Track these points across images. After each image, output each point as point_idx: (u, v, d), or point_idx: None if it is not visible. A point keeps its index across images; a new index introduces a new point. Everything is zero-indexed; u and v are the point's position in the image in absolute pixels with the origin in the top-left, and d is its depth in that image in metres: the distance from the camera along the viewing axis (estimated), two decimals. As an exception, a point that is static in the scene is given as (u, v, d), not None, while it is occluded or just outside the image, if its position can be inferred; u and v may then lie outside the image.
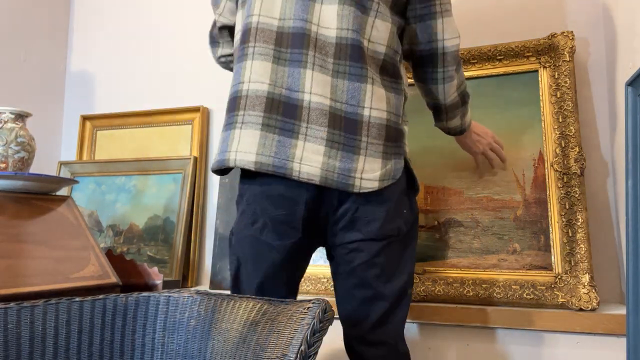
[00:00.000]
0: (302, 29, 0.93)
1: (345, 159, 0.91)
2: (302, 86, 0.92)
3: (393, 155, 0.95)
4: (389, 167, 0.94)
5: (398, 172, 0.95)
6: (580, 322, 1.16)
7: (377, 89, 0.93)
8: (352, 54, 0.92)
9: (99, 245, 1.36)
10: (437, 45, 1.01)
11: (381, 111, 0.93)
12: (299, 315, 0.80)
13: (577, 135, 1.29)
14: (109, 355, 0.99)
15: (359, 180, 0.91)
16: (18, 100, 1.83)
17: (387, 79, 0.96)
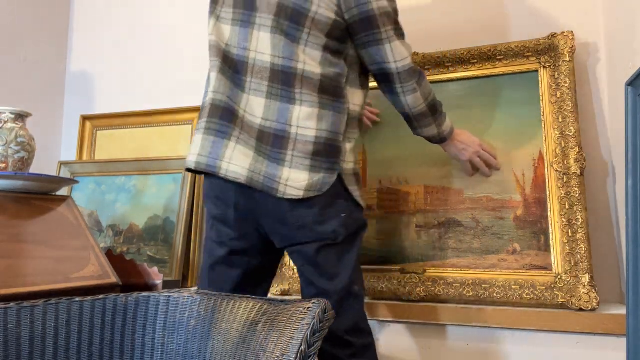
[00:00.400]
0: (243, 57, 1.06)
1: (271, 166, 1.02)
2: (240, 103, 1.05)
3: (323, 169, 1.02)
4: (315, 179, 1.01)
5: (326, 185, 1.02)
6: (580, 322, 1.16)
7: (306, 109, 1.02)
8: (283, 78, 1.02)
9: (99, 245, 1.36)
10: (390, 67, 1.09)
11: (310, 129, 1.02)
12: (299, 315, 0.80)
13: (577, 135, 1.29)
14: (109, 355, 0.99)
15: (284, 186, 1.00)
16: (18, 100, 1.83)
17: (326, 98, 1.03)
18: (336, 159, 1.04)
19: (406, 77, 1.10)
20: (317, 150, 1.02)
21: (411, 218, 1.42)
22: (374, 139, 1.50)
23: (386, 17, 1.05)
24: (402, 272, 1.37)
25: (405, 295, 1.33)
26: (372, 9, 1.03)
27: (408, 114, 1.16)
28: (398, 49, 1.08)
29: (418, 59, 1.48)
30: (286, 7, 1.02)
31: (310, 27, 1.02)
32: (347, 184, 1.07)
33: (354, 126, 1.10)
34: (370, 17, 1.03)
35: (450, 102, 1.45)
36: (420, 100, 1.13)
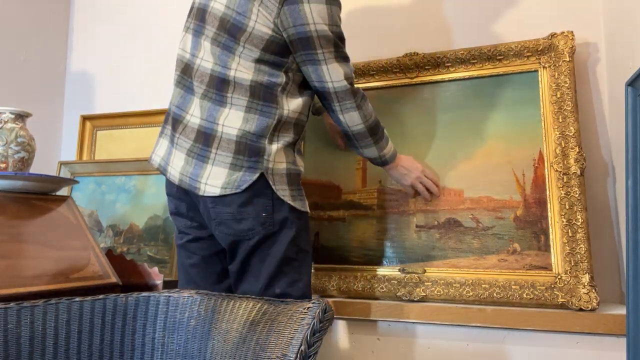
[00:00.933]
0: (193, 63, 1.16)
1: (196, 166, 1.10)
2: (187, 108, 1.15)
3: (244, 168, 1.08)
4: (234, 177, 1.08)
5: (244, 183, 1.07)
6: (580, 322, 1.16)
7: (234, 111, 1.10)
8: (217, 83, 1.11)
9: (99, 245, 1.36)
10: (327, 86, 1.14)
11: (234, 128, 1.09)
12: (299, 315, 0.80)
13: (577, 135, 1.29)
14: (109, 355, 0.99)
15: (204, 185, 1.09)
16: (18, 100, 1.83)
17: (256, 102, 1.10)
18: (258, 158, 1.08)
19: (343, 96, 1.15)
20: (239, 149, 1.08)
21: (411, 218, 1.42)
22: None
23: (324, 40, 1.09)
24: (402, 272, 1.37)
25: (405, 295, 1.33)
26: (309, 30, 1.08)
27: (347, 132, 1.21)
28: (335, 70, 1.12)
29: (418, 59, 1.48)
30: (226, 22, 1.11)
31: (245, 42, 1.09)
32: (274, 183, 1.09)
33: (288, 130, 1.13)
34: (307, 37, 1.08)
35: (450, 102, 1.45)
36: (359, 120, 1.18)
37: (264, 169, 1.08)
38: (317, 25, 1.08)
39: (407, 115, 1.49)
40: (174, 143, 1.16)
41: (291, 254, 1.11)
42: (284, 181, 1.11)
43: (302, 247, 1.14)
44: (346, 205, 1.49)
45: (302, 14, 1.06)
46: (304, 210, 1.14)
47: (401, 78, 1.51)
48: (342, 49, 1.14)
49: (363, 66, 1.54)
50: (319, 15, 1.07)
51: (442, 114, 1.45)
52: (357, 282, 1.39)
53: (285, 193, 1.10)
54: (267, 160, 1.09)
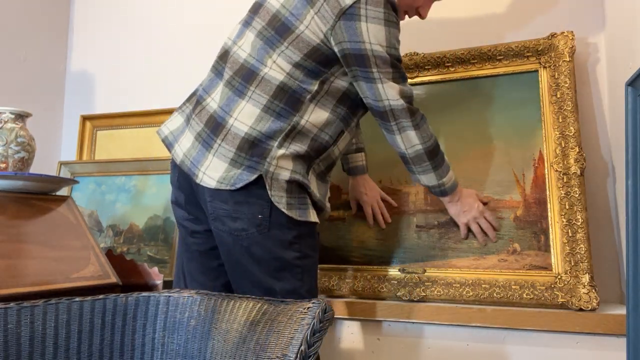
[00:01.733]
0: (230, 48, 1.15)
1: (199, 152, 1.09)
2: (211, 92, 1.14)
3: (244, 166, 1.05)
4: (231, 173, 1.05)
5: (240, 182, 1.04)
6: (580, 322, 1.16)
7: (250, 106, 1.07)
8: (245, 74, 1.09)
9: (99, 245, 1.36)
10: (384, 104, 1.11)
11: (244, 125, 1.06)
12: (299, 315, 0.80)
13: (577, 135, 1.29)
14: (109, 355, 0.99)
15: (202, 174, 1.07)
16: (18, 100, 1.83)
17: (276, 104, 1.07)
18: (260, 159, 1.05)
19: (400, 115, 1.12)
20: (243, 146, 1.06)
21: (411, 218, 1.42)
22: (374, 140, 1.50)
23: (380, 60, 1.07)
24: (402, 272, 1.37)
25: (405, 295, 1.33)
26: (364, 48, 1.06)
27: (404, 153, 1.17)
28: (391, 89, 1.10)
29: (418, 59, 1.48)
30: (277, 19, 1.09)
31: (290, 42, 1.07)
32: (270, 188, 1.05)
33: (303, 141, 1.09)
34: (362, 55, 1.06)
35: (450, 102, 1.45)
36: (416, 140, 1.14)
37: (264, 172, 1.05)
38: (372, 45, 1.06)
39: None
40: (189, 123, 1.15)
41: (291, 259, 1.08)
42: (282, 188, 1.06)
43: (305, 253, 1.10)
44: (346, 205, 1.49)
45: (358, 31, 1.05)
46: (303, 220, 1.08)
47: (401, 78, 1.51)
48: (401, 70, 1.12)
49: (363, 66, 1.54)
50: (376, 36, 1.05)
51: (442, 114, 1.45)
52: (357, 282, 1.39)
53: (280, 200, 1.05)
54: (269, 164, 1.05)
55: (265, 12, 1.12)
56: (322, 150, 1.13)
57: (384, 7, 1.05)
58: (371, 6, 1.04)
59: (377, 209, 1.42)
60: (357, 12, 1.04)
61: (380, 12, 1.05)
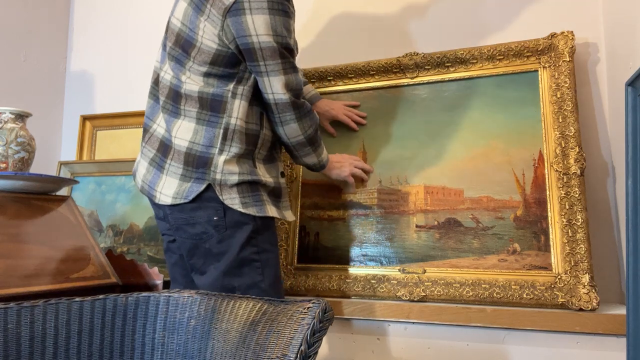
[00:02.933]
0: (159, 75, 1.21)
1: (155, 175, 1.17)
2: (155, 118, 1.21)
3: (192, 179, 1.12)
4: (183, 188, 1.12)
5: (192, 193, 1.11)
6: (580, 322, 1.16)
7: (186, 122, 1.14)
8: (173, 95, 1.15)
9: (99, 245, 1.36)
10: (268, 97, 1.15)
11: (184, 140, 1.13)
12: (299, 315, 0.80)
13: (577, 135, 1.29)
14: (109, 355, 0.99)
15: (159, 194, 1.15)
16: (18, 100, 1.83)
17: (205, 113, 1.13)
18: (205, 169, 1.11)
19: (284, 109, 1.15)
20: (188, 160, 1.12)
21: (411, 218, 1.42)
22: (374, 140, 1.50)
23: (268, 51, 1.09)
24: (402, 272, 1.37)
25: (405, 295, 1.33)
26: (251, 42, 1.08)
27: (287, 143, 1.23)
28: (277, 82, 1.12)
29: (418, 59, 1.48)
30: (181, 37, 1.15)
31: (194, 56, 1.12)
32: (221, 194, 1.11)
33: (240, 140, 1.13)
34: (250, 49, 1.09)
35: (450, 102, 1.45)
36: (298, 132, 1.20)
37: (211, 180, 1.11)
38: (259, 37, 1.07)
39: (407, 115, 1.49)
40: (142, 152, 1.23)
41: (249, 254, 1.12)
42: (234, 191, 1.11)
43: (264, 248, 1.15)
44: (346, 205, 1.49)
45: (244, 25, 1.06)
46: (260, 216, 1.13)
47: (401, 78, 1.51)
48: (289, 59, 1.13)
49: (363, 66, 1.54)
50: (261, 26, 1.06)
51: (442, 114, 1.45)
52: (357, 282, 1.39)
53: (234, 201, 1.11)
54: (214, 172, 1.11)
55: (171, 33, 1.17)
56: (256, 140, 1.17)
57: None
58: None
59: (350, 113, 1.50)
60: (241, 7, 1.06)
61: (263, 2, 1.06)
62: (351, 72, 1.56)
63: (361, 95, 1.56)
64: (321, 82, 1.60)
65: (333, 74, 1.58)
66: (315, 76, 1.60)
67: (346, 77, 1.57)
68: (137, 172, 1.23)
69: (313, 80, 1.60)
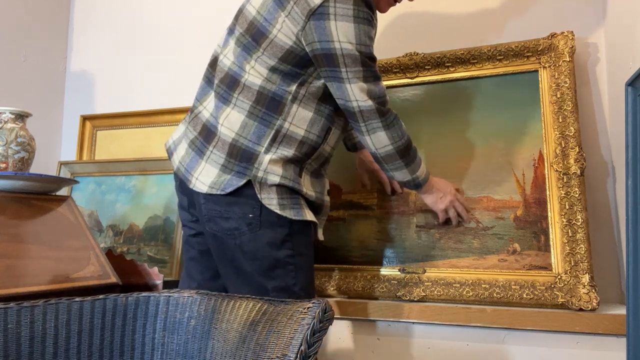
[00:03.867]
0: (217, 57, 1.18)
1: (193, 159, 1.13)
2: (203, 100, 1.19)
3: (233, 172, 1.08)
4: (222, 179, 1.08)
5: (230, 187, 1.07)
6: (580, 322, 1.16)
7: (235, 112, 1.10)
8: (229, 82, 1.12)
9: (99, 245, 1.36)
10: (352, 105, 1.10)
11: (231, 131, 1.10)
12: (299, 315, 0.80)
13: (577, 135, 1.29)
14: (109, 355, 0.99)
15: (195, 179, 1.11)
16: (18, 100, 1.83)
17: (259, 109, 1.10)
18: (249, 165, 1.08)
19: (369, 116, 1.10)
20: (232, 152, 1.09)
21: (411, 218, 1.42)
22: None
23: (350, 58, 1.06)
24: (402, 272, 1.37)
25: (405, 295, 1.33)
26: (333, 47, 1.05)
27: (375, 153, 1.17)
28: (360, 89, 1.08)
29: (418, 59, 1.48)
30: (253, 26, 1.11)
31: (265, 48, 1.09)
32: (260, 192, 1.08)
33: (290, 144, 1.10)
34: (332, 55, 1.06)
35: (450, 102, 1.45)
36: (387, 141, 1.14)
37: (252, 177, 1.07)
38: (342, 44, 1.05)
39: (407, 116, 1.48)
40: (185, 132, 1.19)
41: (283, 256, 1.09)
42: (272, 191, 1.08)
43: (298, 251, 1.11)
44: (346, 205, 1.49)
45: (327, 31, 1.04)
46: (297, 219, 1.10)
47: (401, 78, 1.51)
48: (372, 68, 1.11)
49: (363, 66, 1.54)
50: (345, 34, 1.05)
51: (443, 114, 1.45)
52: (357, 282, 1.39)
53: (272, 202, 1.08)
54: (257, 169, 1.08)
55: (244, 20, 1.14)
56: (312, 151, 1.14)
57: (353, 3, 1.04)
58: (340, 4, 1.03)
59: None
60: (326, 11, 1.04)
61: (349, 9, 1.04)
62: (351, 72, 1.55)
63: (361, 95, 1.55)
64: (321, 82, 1.60)
65: (333, 74, 1.57)
66: (315, 76, 1.60)
67: (346, 77, 1.57)
68: (176, 152, 1.19)
69: (313, 80, 1.60)
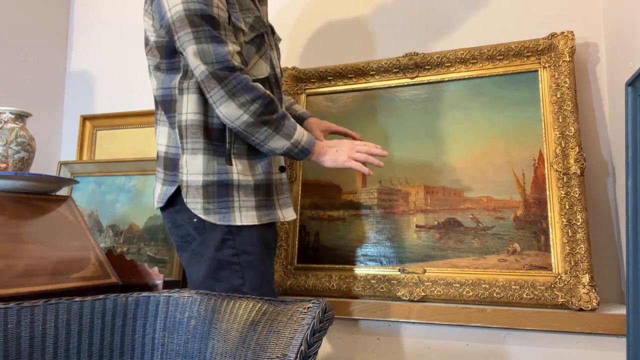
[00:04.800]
0: None
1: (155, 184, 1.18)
2: None
3: (167, 182, 1.12)
4: (161, 192, 1.13)
5: (165, 196, 1.11)
6: (580, 322, 1.16)
7: (161, 127, 1.15)
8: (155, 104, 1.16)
9: (99, 245, 1.36)
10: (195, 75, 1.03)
11: (162, 145, 1.14)
12: (299, 315, 0.80)
13: (577, 135, 1.29)
14: (109, 355, 0.99)
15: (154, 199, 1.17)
16: (18, 100, 1.83)
17: (165, 115, 1.13)
18: (176, 171, 1.10)
19: (208, 84, 1.00)
20: (165, 164, 1.14)
21: (411, 218, 1.42)
22: (374, 140, 1.50)
23: (179, 21, 1.00)
24: (402, 272, 1.37)
25: (405, 295, 1.33)
26: (167, 18, 1.03)
27: (234, 127, 1.04)
28: (192, 55, 1.00)
29: (418, 59, 1.48)
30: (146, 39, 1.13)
31: (150, 53, 1.12)
32: (186, 196, 1.06)
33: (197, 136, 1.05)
34: (168, 26, 1.03)
35: (450, 102, 1.45)
36: (238, 111, 1.01)
37: (180, 182, 1.09)
38: (171, 11, 1.00)
39: (407, 115, 1.49)
40: None
41: (226, 257, 1.07)
42: (198, 194, 1.06)
43: (243, 249, 1.07)
44: (346, 205, 1.49)
45: (161, 5, 1.03)
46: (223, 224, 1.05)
47: (401, 78, 1.51)
48: (205, 27, 0.99)
49: (363, 66, 1.54)
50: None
51: (442, 114, 1.45)
52: (357, 282, 1.39)
53: (197, 207, 1.06)
54: (182, 173, 1.08)
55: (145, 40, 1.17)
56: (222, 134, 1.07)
57: None
58: None
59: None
60: None
61: None
62: (351, 72, 1.56)
63: (361, 95, 1.56)
64: (321, 82, 1.60)
65: (333, 74, 1.57)
66: (315, 76, 1.60)
67: (346, 77, 1.57)
68: None
69: (313, 80, 1.60)
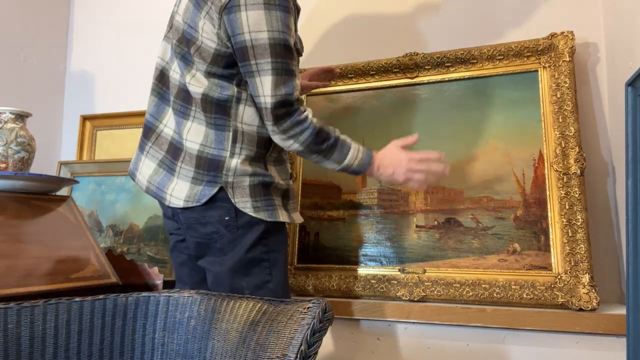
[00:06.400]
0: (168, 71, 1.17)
1: (164, 177, 1.14)
2: (162, 117, 1.18)
3: (204, 182, 1.10)
4: (194, 191, 1.09)
5: (204, 197, 1.09)
6: (580, 322, 1.16)
7: (196, 125, 1.11)
8: (183, 96, 1.12)
9: (99, 245, 1.36)
10: (260, 100, 1.07)
11: (195, 143, 1.10)
12: (299, 315, 0.80)
13: (577, 135, 1.29)
14: (109, 355, 0.99)
15: (169, 196, 1.12)
16: (18, 100, 1.83)
17: (210, 116, 1.10)
18: (218, 173, 1.09)
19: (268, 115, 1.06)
20: (199, 163, 1.10)
21: (411, 218, 1.42)
22: (374, 140, 1.50)
23: (260, 49, 1.02)
24: (402, 272, 1.37)
25: (405, 295, 1.33)
26: (244, 40, 1.02)
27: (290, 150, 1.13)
28: (269, 84, 1.04)
29: (418, 59, 1.48)
30: (183, 35, 1.11)
31: (195, 55, 1.09)
32: (233, 197, 1.08)
33: (250, 143, 1.10)
34: (242, 47, 1.03)
35: (450, 102, 1.45)
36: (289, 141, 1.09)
37: (223, 183, 1.08)
38: (252, 34, 1.01)
39: (407, 115, 1.49)
40: (144, 151, 1.19)
41: (259, 254, 1.10)
42: (246, 193, 1.09)
43: (273, 248, 1.12)
44: (346, 205, 1.49)
45: (238, 23, 1.02)
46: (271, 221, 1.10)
47: (401, 78, 1.51)
48: (284, 60, 1.04)
49: (363, 66, 1.54)
50: (256, 23, 1.01)
51: (442, 114, 1.45)
52: (357, 282, 1.39)
53: (246, 205, 1.09)
54: (227, 175, 1.09)
55: (175, 29, 1.14)
56: (269, 143, 1.13)
57: None
58: None
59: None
60: (236, 3, 1.01)
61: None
62: (351, 72, 1.56)
63: (361, 95, 1.56)
64: (321, 82, 1.60)
65: (333, 74, 1.58)
66: (315, 76, 1.60)
67: (346, 77, 1.57)
68: (140, 171, 1.19)
69: (313, 80, 1.60)
